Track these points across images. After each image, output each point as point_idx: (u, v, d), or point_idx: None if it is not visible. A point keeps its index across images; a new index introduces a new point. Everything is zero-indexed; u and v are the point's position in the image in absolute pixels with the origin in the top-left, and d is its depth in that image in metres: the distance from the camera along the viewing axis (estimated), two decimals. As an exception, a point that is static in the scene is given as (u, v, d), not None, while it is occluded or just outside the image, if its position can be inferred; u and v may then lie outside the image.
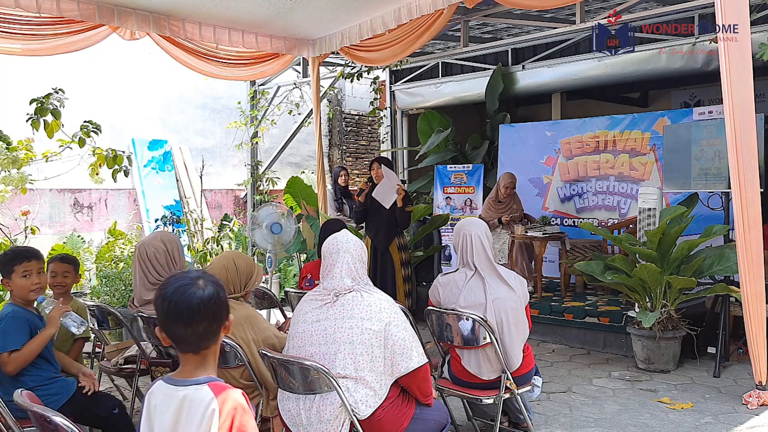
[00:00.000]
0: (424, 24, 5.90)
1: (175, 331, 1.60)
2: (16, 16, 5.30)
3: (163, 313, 1.60)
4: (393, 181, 5.77)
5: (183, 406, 1.56)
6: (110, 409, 3.18)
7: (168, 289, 1.60)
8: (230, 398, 1.56)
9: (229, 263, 3.06)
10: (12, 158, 5.31)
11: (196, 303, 1.59)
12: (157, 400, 1.62)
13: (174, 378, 1.63)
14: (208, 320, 1.60)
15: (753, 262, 3.99)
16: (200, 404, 1.55)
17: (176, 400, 1.57)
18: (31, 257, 3.04)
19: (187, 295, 1.59)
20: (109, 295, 5.83)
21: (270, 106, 9.42)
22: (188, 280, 1.62)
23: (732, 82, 3.90)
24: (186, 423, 1.55)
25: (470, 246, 3.41)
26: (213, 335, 1.63)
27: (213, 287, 1.64)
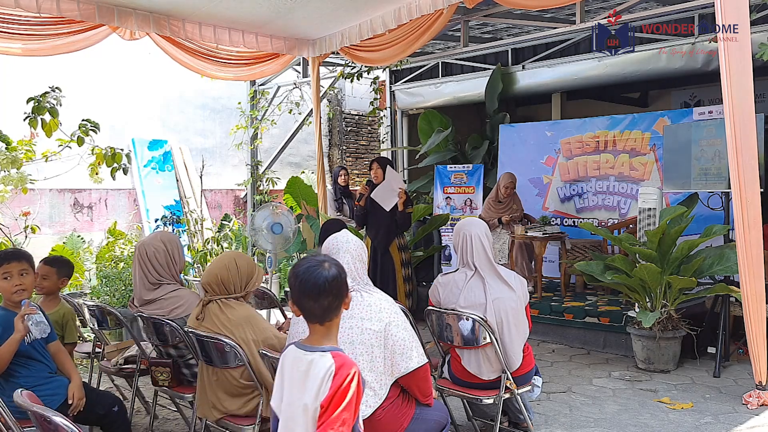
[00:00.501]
0: (424, 24, 5.90)
1: (305, 305, 1.88)
2: (16, 16, 5.31)
3: (295, 289, 1.89)
4: (395, 183, 5.75)
5: (310, 368, 1.84)
6: (109, 407, 3.17)
7: (300, 269, 1.90)
8: (346, 366, 1.82)
9: (230, 263, 3.06)
10: (11, 158, 5.31)
11: (322, 281, 1.87)
12: (288, 362, 1.92)
13: (303, 344, 1.92)
14: (332, 297, 1.87)
15: (753, 262, 3.99)
16: (322, 368, 1.82)
17: (305, 362, 1.86)
18: (11, 259, 3.00)
19: (315, 275, 1.87)
20: (109, 295, 5.83)
21: (270, 106, 9.42)
22: (316, 262, 1.91)
23: (732, 82, 3.90)
24: (311, 382, 1.83)
25: (470, 246, 3.41)
26: (335, 310, 1.90)
27: (336, 269, 1.92)
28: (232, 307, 3.03)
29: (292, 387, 1.88)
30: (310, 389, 1.82)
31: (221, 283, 3.03)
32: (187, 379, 3.47)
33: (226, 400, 3.02)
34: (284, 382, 1.92)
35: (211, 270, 3.08)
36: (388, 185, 5.71)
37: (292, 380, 1.89)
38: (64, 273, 3.80)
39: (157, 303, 3.53)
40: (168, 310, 3.49)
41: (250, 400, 3.01)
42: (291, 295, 1.91)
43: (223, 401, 3.02)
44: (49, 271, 3.71)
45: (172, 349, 3.45)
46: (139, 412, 4.20)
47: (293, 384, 1.88)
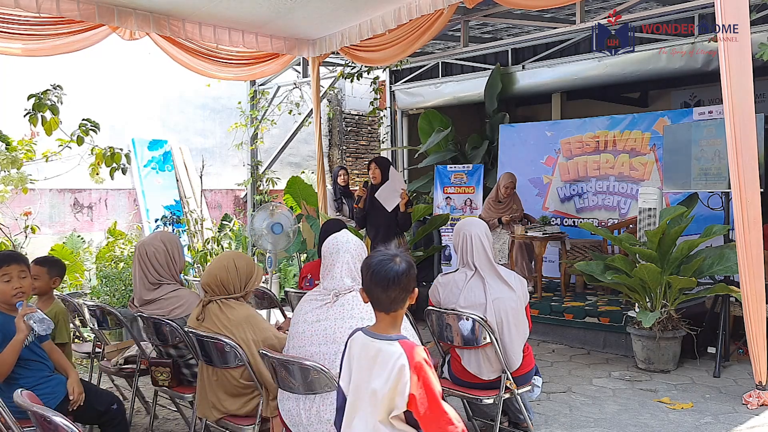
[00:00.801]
0: (424, 24, 5.90)
1: (374, 294, 2.00)
2: (16, 16, 5.31)
3: (367, 279, 2.02)
4: (398, 184, 5.75)
5: (378, 355, 1.94)
6: (108, 405, 3.17)
7: (373, 261, 2.02)
8: (416, 354, 1.90)
9: (229, 264, 3.06)
10: (12, 158, 5.31)
11: (392, 275, 1.98)
12: (357, 347, 2.03)
13: (371, 331, 2.02)
14: (399, 289, 1.98)
15: (753, 262, 3.99)
16: (391, 357, 1.91)
17: (373, 349, 1.96)
18: (10, 261, 2.99)
19: (386, 268, 1.98)
20: (109, 295, 5.83)
21: (270, 106, 9.42)
22: (388, 256, 2.02)
23: (732, 82, 3.90)
24: (379, 369, 1.92)
25: (470, 246, 3.41)
26: (401, 302, 2.01)
27: (406, 265, 2.02)
28: (232, 307, 3.03)
29: (360, 371, 2.00)
30: (379, 376, 1.92)
31: (221, 283, 3.03)
32: (187, 379, 3.47)
33: (226, 400, 3.02)
34: (352, 366, 2.03)
35: (210, 271, 3.07)
36: (392, 186, 5.70)
37: (360, 365, 2.00)
38: (55, 273, 3.80)
39: (157, 303, 3.53)
40: (168, 310, 3.49)
41: (250, 400, 3.01)
42: (362, 283, 2.06)
43: (223, 401, 3.02)
44: (40, 271, 3.71)
45: (172, 349, 3.45)
46: (139, 412, 4.20)
47: (362, 368, 1.99)
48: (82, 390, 3.03)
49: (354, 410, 2.00)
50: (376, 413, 1.92)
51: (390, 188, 5.69)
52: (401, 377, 1.87)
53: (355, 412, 1.99)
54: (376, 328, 2.03)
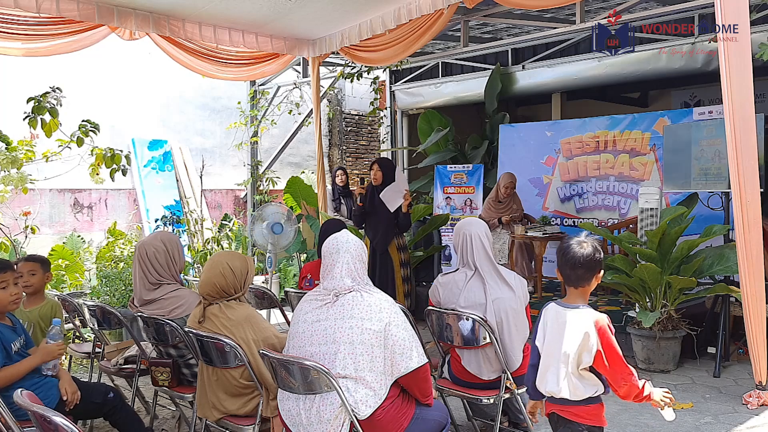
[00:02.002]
0: (425, 24, 5.90)
1: (565, 272, 2.45)
2: (15, 16, 5.30)
3: (560, 259, 2.46)
4: (402, 185, 5.75)
5: (567, 321, 2.40)
6: (105, 395, 3.17)
7: (565, 245, 2.45)
8: (600, 320, 2.35)
9: (225, 269, 3.02)
10: (11, 158, 5.31)
11: (579, 256, 2.40)
12: (550, 315, 2.48)
13: (563, 302, 2.48)
14: (584, 269, 2.41)
15: (753, 262, 3.98)
16: (580, 322, 2.37)
17: (563, 316, 2.42)
18: (6, 268, 3.00)
19: (574, 251, 2.41)
20: (109, 295, 5.83)
21: (270, 106, 9.42)
22: (577, 241, 2.44)
23: (732, 82, 3.90)
24: (569, 332, 2.38)
25: (470, 246, 3.41)
26: (587, 279, 2.43)
27: (591, 249, 2.42)
28: (232, 307, 3.02)
29: (553, 334, 2.44)
30: (570, 337, 2.37)
31: (221, 290, 3.01)
32: (187, 379, 3.47)
33: (226, 400, 3.02)
34: (546, 330, 2.48)
35: (207, 279, 3.03)
36: (396, 186, 5.69)
37: (553, 330, 2.45)
38: (47, 269, 3.86)
39: (157, 303, 3.53)
40: (168, 310, 3.49)
41: (250, 400, 3.01)
42: (557, 263, 2.51)
43: (223, 401, 3.02)
44: (35, 266, 3.74)
45: (172, 349, 3.45)
46: (139, 412, 4.19)
47: (554, 333, 2.43)
48: (75, 389, 3.03)
49: (547, 366, 2.44)
50: (567, 367, 2.37)
51: (395, 189, 5.68)
52: (589, 338, 2.33)
53: (548, 367, 2.43)
54: (567, 300, 2.48)
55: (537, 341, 2.52)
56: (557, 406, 2.45)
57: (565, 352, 2.37)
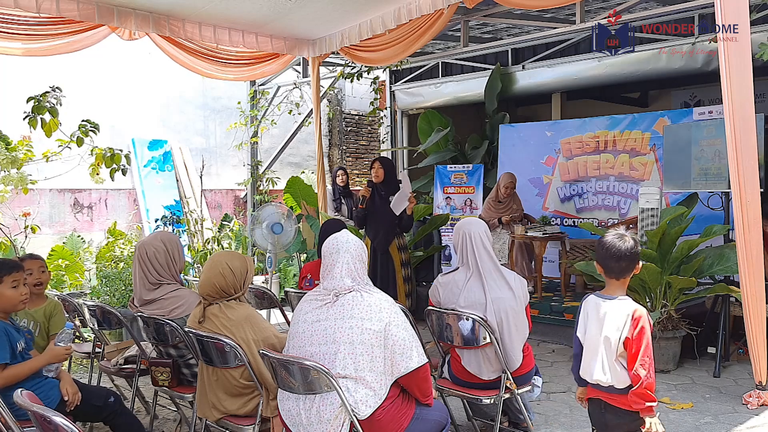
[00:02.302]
0: (425, 24, 5.90)
1: (608, 265, 2.61)
2: (15, 16, 5.30)
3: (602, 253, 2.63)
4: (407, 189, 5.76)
5: (608, 311, 2.55)
6: (105, 398, 3.17)
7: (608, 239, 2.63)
8: (640, 311, 2.52)
9: (224, 269, 3.02)
10: (12, 158, 5.31)
11: (623, 249, 2.58)
12: (590, 306, 2.64)
13: (602, 294, 2.64)
14: (626, 262, 2.58)
15: (753, 262, 3.98)
16: (620, 311, 2.53)
17: (604, 307, 2.57)
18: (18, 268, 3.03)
19: (617, 245, 2.59)
20: (109, 295, 5.83)
21: (270, 106, 9.42)
22: (619, 235, 2.63)
23: (732, 82, 3.90)
24: (610, 322, 2.53)
25: (470, 245, 3.41)
26: (629, 271, 2.61)
27: (632, 242, 2.61)
28: (232, 307, 3.02)
29: (595, 324, 2.58)
30: (610, 325, 2.52)
31: (220, 290, 3.02)
32: (187, 379, 3.47)
33: (226, 400, 3.02)
34: (588, 320, 2.63)
35: (207, 279, 3.03)
36: (404, 192, 5.70)
37: (594, 320, 2.59)
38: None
39: (157, 303, 3.53)
40: (168, 310, 3.49)
41: (250, 400, 3.01)
42: (596, 257, 2.68)
43: (223, 401, 3.02)
44: (42, 263, 3.74)
45: (172, 349, 3.45)
46: (139, 412, 4.20)
47: (596, 323, 2.58)
48: (76, 389, 3.04)
49: (592, 355, 2.58)
50: (609, 355, 2.52)
51: (403, 194, 5.70)
52: (626, 327, 2.49)
53: (593, 357, 2.58)
54: (606, 291, 2.64)
55: (579, 332, 2.67)
56: (604, 393, 2.57)
57: (607, 340, 2.52)
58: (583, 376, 2.64)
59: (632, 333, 2.47)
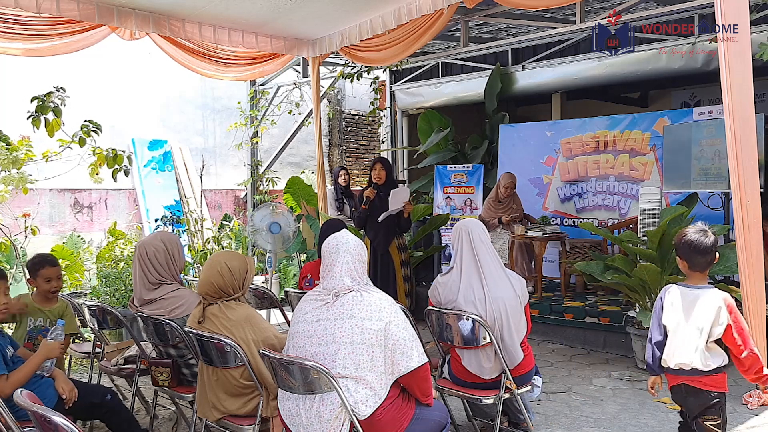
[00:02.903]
0: (425, 24, 5.90)
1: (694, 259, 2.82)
2: (15, 16, 5.30)
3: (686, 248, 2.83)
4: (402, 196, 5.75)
5: (696, 300, 2.77)
6: (102, 396, 3.18)
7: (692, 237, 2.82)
8: (728, 298, 2.74)
9: (222, 268, 3.02)
10: (12, 158, 5.31)
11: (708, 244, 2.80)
12: (675, 296, 2.84)
13: (686, 284, 2.86)
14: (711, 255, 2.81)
15: (753, 262, 3.98)
16: (710, 300, 2.74)
17: (692, 296, 2.79)
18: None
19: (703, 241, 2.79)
20: (109, 295, 5.83)
21: (270, 106, 9.42)
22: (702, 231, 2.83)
23: (732, 82, 3.90)
24: (698, 310, 2.74)
25: (469, 245, 3.41)
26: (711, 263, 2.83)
27: (713, 236, 2.83)
28: (232, 307, 3.03)
29: (684, 312, 2.78)
30: (700, 315, 2.73)
31: (219, 289, 3.02)
32: (187, 379, 3.47)
33: (226, 400, 3.02)
34: (673, 310, 2.82)
35: (205, 278, 3.03)
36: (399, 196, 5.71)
37: (682, 309, 2.79)
38: None
39: (157, 303, 3.53)
40: (168, 310, 3.49)
41: (250, 400, 3.01)
42: (679, 252, 2.87)
43: (223, 401, 3.02)
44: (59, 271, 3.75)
45: (172, 349, 3.45)
46: (139, 412, 4.20)
47: (685, 311, 2.78)
48: (72, 386, 3.05)
49: (680, 341, 2.77)
50: (699, 341, 2.71)
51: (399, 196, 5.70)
52: (720, 313, 2.70)
53: (681, 342, 2.76)
54: (690, 282, 2.85)
55: (663, 320, 2.85)
56: (687, 377, 2.77)
57: (699, 327, 2.72)
58: (666, 360, 2.82)
59: (730, 319, 2.70)
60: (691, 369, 2.74)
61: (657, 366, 2.88)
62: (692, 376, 2.75)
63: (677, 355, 2.76)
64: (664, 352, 2.83)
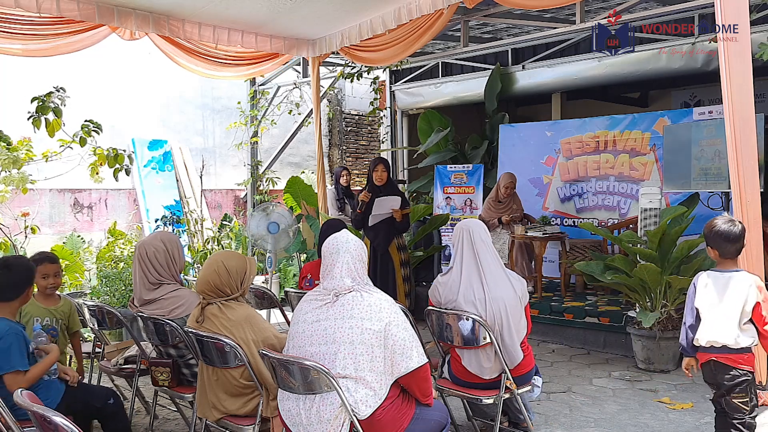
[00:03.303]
0: (425, 24, 5.90)
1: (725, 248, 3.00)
2: (16, 16, 5.30)
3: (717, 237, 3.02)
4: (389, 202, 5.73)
5: (729, 281, 2.97)
6: (105, 400, 3.18)
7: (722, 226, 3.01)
8: (758, 280, 2.97)
9: (219, 268, 3.02)
10: (12, 158, 5.31)
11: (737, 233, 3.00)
12: (707, 280, 3.01)
13: (719, 269, 3.03)
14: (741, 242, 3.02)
15: (753, 262, 3.98)
16: (742, 281, 2.95)
17: (724, 279, 2.99)
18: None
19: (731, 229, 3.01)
20: (109, 295, 5.83)
21: (270, 106, 9.42)
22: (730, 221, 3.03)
23: (732, 82, 3.90)
24: (732, 291, 2.94)
25: (470, 245, 3.42)
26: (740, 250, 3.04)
27: (741, 225, 3.03)
28: (231, 307, 3.02)
29: (717, 295, 2.95)
30: (733, 295, 2.93)
31: (216, 288, 3.02)
32: (187, 379, 3.47)
33: (226, 400, 3.02)
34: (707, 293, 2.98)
35: (203, 277, 3.04)
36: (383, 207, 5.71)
37: (716, 292, 2.95)
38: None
39: (157, 303, 3.53)
40: (168, 310, 3.49)
41: (250, 400, 3.01)
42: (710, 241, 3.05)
43: (223, 401, 3.02)
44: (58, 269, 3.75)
45: (172, 349, 3.45)
46: (139, 412, 4.20)
47: (719, 293, 2.95)
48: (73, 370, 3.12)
49: (714, 321, 2.93)
50: (732, 320, 2.89)
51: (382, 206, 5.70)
52: (750, 291, 2.90)
53: (714, 321, 2.92)
54: (722, 267, 3.03)
55: (696, 303, 3.01)
56: (716, 354, 2.94)
57: (731, 306, 2.91)
58: (698, 340, 2.99)
59: (760, 297, 2.90)
60: (721, 346, 2.90)
61: (690, 347, 3.05)
62: (721, 353, 2.92)
63: (709, 333, 2.93)
64: (697, 333, 2.99)
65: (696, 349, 3.04)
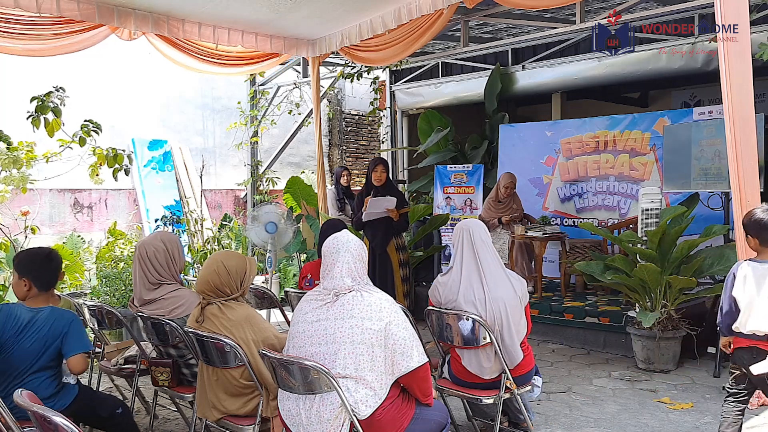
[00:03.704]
0: (425, 24, 5.90)
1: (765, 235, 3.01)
2: (16, 16, 5.30)
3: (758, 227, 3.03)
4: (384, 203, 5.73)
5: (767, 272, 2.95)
6: (113, 409, 3.17)
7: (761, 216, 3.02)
8: None
9: (219, 267, 3.02)
10: (13, 158, 5.31)
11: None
12: (747, 270, 3.01)
13: (757, 259, 3.04)
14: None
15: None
16: None
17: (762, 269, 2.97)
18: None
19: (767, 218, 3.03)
20: (109, 295, 5.83)
21: (270, 106, 9.42)
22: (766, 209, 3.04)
23: (732, 82, 3.90)
24: None
25: (470, 244, 3.41)
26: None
27: None
28: (231, 307, 3.02)
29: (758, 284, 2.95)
30: None
31: (215, 288, 3.01)
32: (187, 379, 3.47)
33: (226, 400, 3.02)
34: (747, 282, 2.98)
35: (202, 277, 3.04)
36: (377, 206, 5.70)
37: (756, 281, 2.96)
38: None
39: (157, 303, 3.53)
40: (168, 310, 3.49)
41: (250, 400, 3.01)
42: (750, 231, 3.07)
43: (223, 401, 3.02)
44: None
45: (172, 349, 3.45)
46: (139, 412, 4.20)
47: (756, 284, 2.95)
48: None
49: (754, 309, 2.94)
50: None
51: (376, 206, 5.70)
52: None
53: (754, 310, 2.94)
54: (762, 257, 3.04)
55: (734, 293, 3.02)
56: (760, 342, 2.98)
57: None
58: (738, 328, 3.01)
59: None
60: (764, 335, 2.96)
61: (726, 329, 3.09)
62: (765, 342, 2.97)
63: (752, 322, 2.96)
64: (738, 321, 3.02)
65: (733, 332, 3.08)
